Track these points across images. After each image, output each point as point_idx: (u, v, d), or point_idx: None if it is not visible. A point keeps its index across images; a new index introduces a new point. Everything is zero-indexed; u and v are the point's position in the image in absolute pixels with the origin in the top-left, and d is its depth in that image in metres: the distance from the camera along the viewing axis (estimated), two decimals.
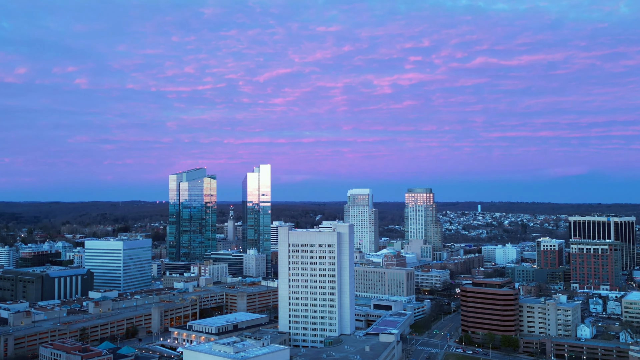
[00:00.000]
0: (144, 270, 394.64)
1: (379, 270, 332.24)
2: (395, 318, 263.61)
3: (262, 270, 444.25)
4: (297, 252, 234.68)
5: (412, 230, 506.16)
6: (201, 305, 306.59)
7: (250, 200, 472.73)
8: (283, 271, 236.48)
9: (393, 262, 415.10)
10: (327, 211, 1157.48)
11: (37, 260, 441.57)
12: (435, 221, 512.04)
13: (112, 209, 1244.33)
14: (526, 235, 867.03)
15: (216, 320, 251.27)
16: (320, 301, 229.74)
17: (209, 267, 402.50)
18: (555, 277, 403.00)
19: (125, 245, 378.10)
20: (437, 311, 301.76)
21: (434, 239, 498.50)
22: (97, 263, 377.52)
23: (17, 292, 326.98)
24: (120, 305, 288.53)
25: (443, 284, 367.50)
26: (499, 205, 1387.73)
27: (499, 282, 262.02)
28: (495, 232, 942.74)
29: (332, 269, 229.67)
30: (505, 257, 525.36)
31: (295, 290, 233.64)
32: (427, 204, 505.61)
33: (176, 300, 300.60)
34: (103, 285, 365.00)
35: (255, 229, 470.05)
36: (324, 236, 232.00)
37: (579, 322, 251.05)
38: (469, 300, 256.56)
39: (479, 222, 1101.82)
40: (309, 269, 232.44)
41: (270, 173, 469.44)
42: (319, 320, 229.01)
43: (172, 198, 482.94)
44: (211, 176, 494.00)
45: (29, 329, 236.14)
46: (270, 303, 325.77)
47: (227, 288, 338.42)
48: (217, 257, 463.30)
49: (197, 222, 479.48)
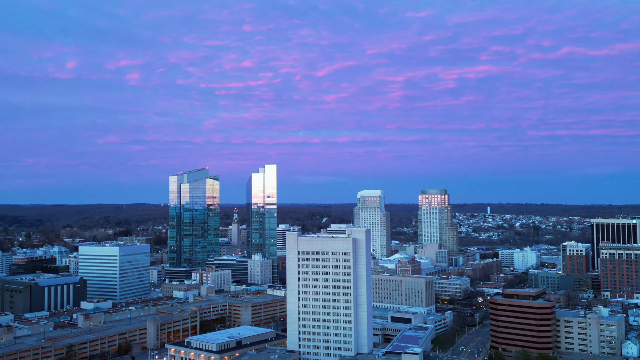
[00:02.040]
0: (142, 278, 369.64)
1: (395, 278, 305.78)
2: (416, 333, 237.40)
3: (268, 277, 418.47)
4: (307, 261, 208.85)
5: (426, 234, 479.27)
6: (202, 316, 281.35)
7: (255, 202, 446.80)
8: (292, 282, 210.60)
9: (407, 268, 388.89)
10: (334, 213, 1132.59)
11: (31, 266, 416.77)
12: (450, 224, 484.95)
13: (116, 212, 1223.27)
14: (539, 237, 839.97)
15: (217, 336, 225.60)
16: (333, 316, 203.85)
17: (211, 274, 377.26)
18: (582, 284, 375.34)
19: (121, 251, 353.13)
20: (460, 324, 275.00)
21: (449, 243, 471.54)
22: (91, 270, 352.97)
23: (4, 303, 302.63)
24: (112, 318, 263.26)
25: (464, 293, 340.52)
26: (507, 207, 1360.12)
27: (532, 293, 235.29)
28: (507, 234, 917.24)
29: (347, 279, 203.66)
30: (525, 261, 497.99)
31: (306, 303, 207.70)
32: (442, 206, 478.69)
33: (174, 312, 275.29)
34: (98, 295, 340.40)
35: (260, 233, 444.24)
36: (338, 243, 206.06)
37: (623, 338, 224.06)
38: (499, 313, 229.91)
39: (489, 224, 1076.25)
40: (321, 280, 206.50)
41: (276, 173, 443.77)
42: (333, 338, 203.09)
43: (172, 200, 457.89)
44: (214, 177, 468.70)
45: (9, 346, 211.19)
46: (277, 314, 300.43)
47: (231, 298, 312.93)
48: (220, 262, 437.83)
49: (199, 226, 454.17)
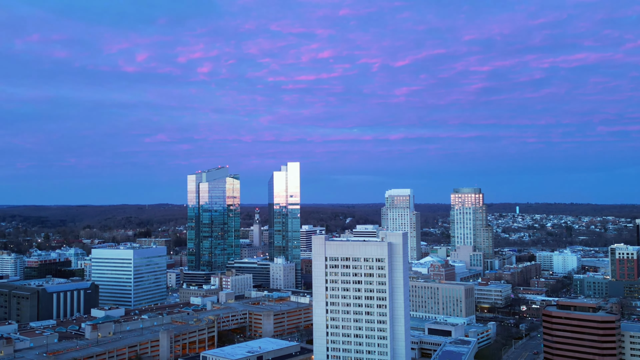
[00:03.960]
0: (158, 282, 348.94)
1: (430, 285, 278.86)
2: (457, 348, 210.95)
3: (291, 281, 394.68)
4: (336, 268, 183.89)
5: (459, 235, 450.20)
6: (220, 326, 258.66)
7: (277, 202, 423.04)
8: (319, 292, 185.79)
9: (441, 272, 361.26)
10: (358, 214, 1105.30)
11: (44, 269, 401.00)
12: (485, 225, 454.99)
13: (139, 213, 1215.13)
14: (572, 238, 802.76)
15: (236, 350, 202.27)
16: (366, 331, 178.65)
17: (231, 279, 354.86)
18: (633, 290, 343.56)
19: (136, 254, 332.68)
20: (504, 336, 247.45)
21: (484, 245, 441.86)
22: (105, 275, 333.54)
23: (11, 310, 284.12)
24: (123, 328, 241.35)
25: (505, 300, 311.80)
26: (535, 207, 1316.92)
27: (592, 304, 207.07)
28: (538, 235, 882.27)
29: (382, 289, 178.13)
30: (564, 264, 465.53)
31: (335, 316, 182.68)
32: (476, 206, 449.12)
33: (190, 321, 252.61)
34: (111, 301, 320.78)
35: (282, 235, 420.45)
36: (371, 248, 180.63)
37: None
38: (555, 327, 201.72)
39: (519, 225, 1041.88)
40: (352, 290, 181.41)
41: (299, 171, 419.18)
42: (366, 356, 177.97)
43: (190, 200, 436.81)
44: (234, 176, 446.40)
45: None
46: (301, 323, 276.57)
47: (251, 305, 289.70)
48: (240, 265, 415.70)
49: (218, 227, 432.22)
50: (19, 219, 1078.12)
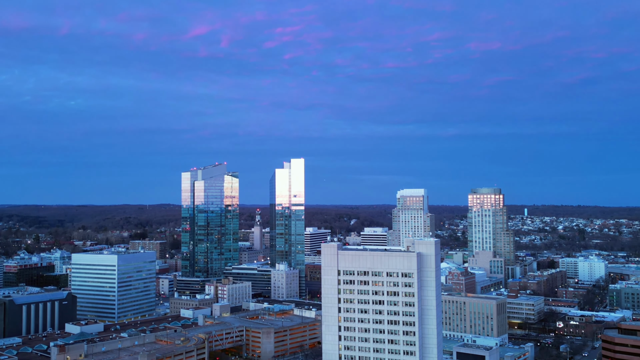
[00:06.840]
0: (147, 291, 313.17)
1: (456, 299, 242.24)
2: None
3: (295, 290, 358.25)
4: (352, 284, 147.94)
5: (478, 240, 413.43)
6: (213, 345, 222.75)
7: (279, 202, 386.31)
8: (330, 313, 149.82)
9: (460, 280, 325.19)
10: (362, 215, 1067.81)
11: (24, 275, 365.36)
12: (506, 228, 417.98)
13: (139, 213, 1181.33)
14: (586, 242, 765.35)
15: None
16: None
17: (228, 287, 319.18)
18: None
19: (121, 260, 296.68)
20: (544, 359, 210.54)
21: (505, 251, 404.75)
22: (85, 283, 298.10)
23: None
24: (97, 349, 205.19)
25: (537, 315, 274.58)
26: (542, 209, 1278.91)
27: None
28: (550, 238, 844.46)
29: (409, 312, 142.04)
30: (591, 271, 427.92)
31: (350, 344, 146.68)
32: (495, 208, 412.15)
33: (177, 341, 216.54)
34: (93, 312, 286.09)
35: (285, 238, 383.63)
36: (397, 259, 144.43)
37: None
38: (619, 356, 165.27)
39: (529, 227, 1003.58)
40: (372, 312, 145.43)
41: (303, 169, 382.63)
42: None
43: (185, 200, 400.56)
44: (233, 174, 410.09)
45: None
46: (306, 342, 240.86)
47: (249, 320, 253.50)
48: (239, 271, 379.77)
49: (215, 229, 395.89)
50: (17, 219, 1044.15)
